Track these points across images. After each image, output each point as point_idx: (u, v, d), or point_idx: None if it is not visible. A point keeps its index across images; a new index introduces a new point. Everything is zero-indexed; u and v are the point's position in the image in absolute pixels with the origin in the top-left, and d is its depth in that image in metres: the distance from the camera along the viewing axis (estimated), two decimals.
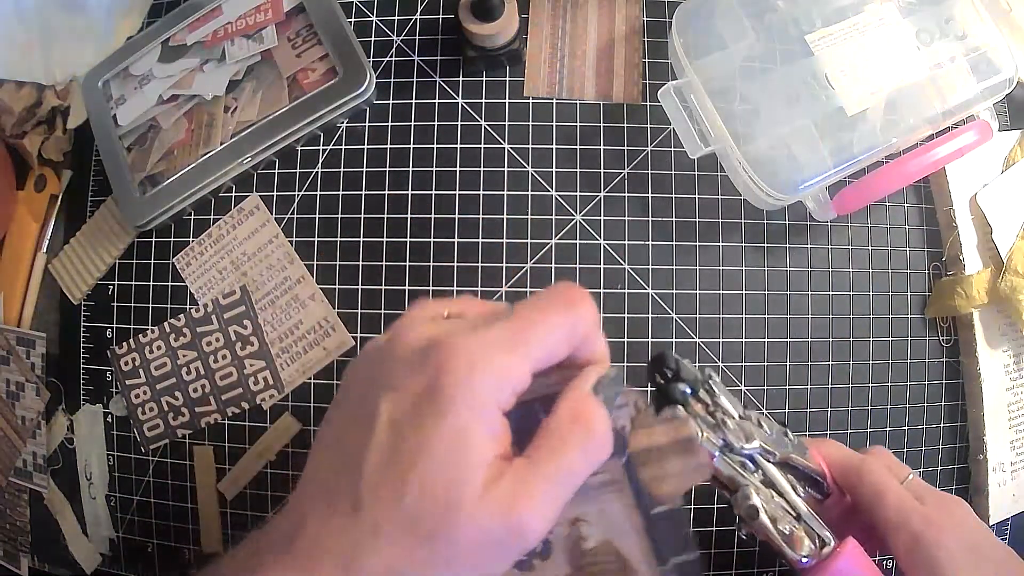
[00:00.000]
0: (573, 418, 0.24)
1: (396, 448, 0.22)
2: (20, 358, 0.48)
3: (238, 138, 0.43)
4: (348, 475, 0.22)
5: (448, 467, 0.21)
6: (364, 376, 0.25)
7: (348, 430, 0.24)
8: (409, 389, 0.22)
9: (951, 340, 0.45)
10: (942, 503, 0.35)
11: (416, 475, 0.21)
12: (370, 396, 0.23)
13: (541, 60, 0.45)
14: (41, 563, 0.49)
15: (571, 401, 0.24)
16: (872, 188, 0.40)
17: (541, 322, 0.24)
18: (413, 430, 0.22)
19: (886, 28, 0.41)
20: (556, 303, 0.25)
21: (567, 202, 0.44)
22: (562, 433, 0.24)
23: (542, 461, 0.23)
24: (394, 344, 0.24)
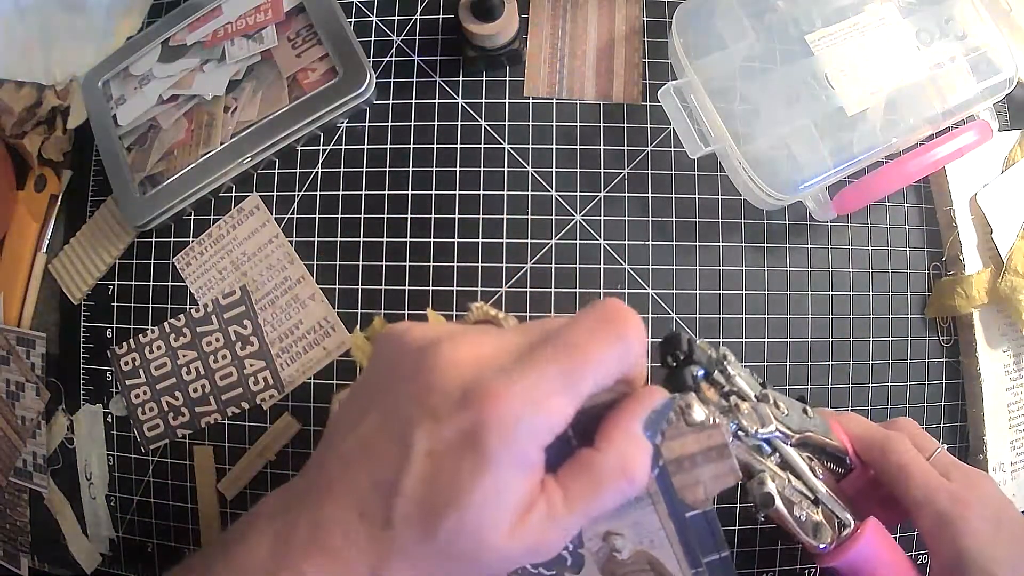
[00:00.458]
0: (620, 466, 0.23)
1: (433, 484, 0.22)
2: (20, 358, 0.48)
3: (238, 138, 0.43)
4: (380, 493, 0.22)
5: (483, 513, 0.22)
6: (393, 383, 0.24)
7: (379, 440, 0.23)
8: (450, 425, 0.22)
9: (951, 340, 0.45)
10: (968, 479, 0.35)
11: (451, 515, 0.21)
12: (404, 411, 0.23)
13: (541, 60, 0.45)
14: (41, 563, 0.49)
15: (620, 444, 0.24)
16: (872, 188, 0.40)
17: (592, 358, 0.23)
18: (451, 473, 0.22)
19: (886, 28, 0.41)
20: (608, 332, 0.23)
21: (567, 202, 0.44)
22: (604, 476, 0.23)
23: (577, 499, 0.23)
24: (435, 362, 0.23)
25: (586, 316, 0.24)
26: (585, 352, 0.23)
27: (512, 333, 0.25)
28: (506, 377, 0.22)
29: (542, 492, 0.23)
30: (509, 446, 0.21)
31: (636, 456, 0.24)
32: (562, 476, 0.24)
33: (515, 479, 0.22)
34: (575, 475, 0.24)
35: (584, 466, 0.24)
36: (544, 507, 0.23)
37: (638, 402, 0.25)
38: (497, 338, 0.24)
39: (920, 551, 0.43)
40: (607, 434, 0.24)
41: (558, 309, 0.43)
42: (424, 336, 0.24)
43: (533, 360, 0.22)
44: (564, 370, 0.22)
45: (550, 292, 0.43)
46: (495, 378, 0.22)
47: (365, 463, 0.23)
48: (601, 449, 0.24)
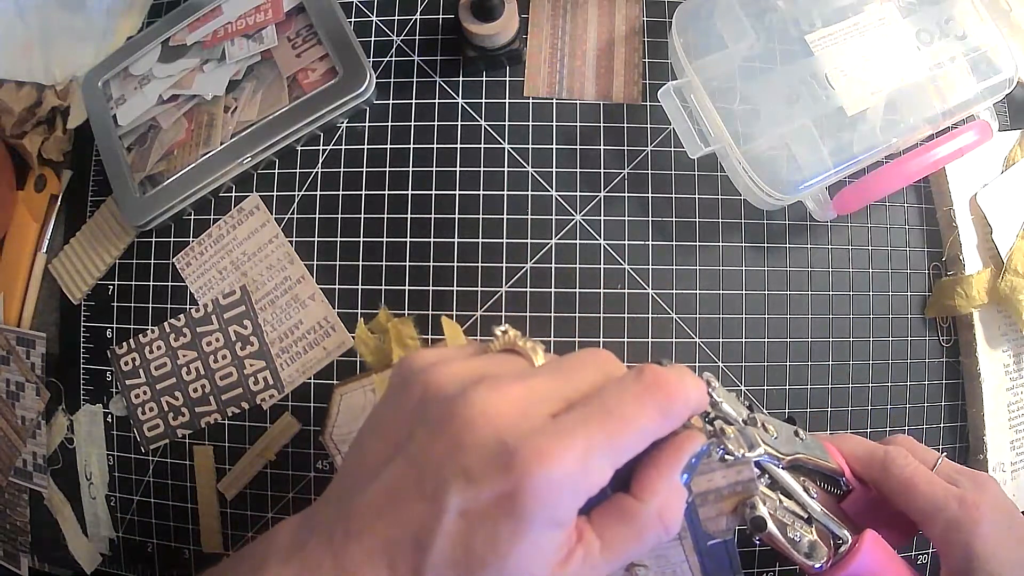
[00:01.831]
0: (659, 514, 0.24)
1: (467, 545, 0.21)
2: (20, 358, 0.48)
3: (238, 138, 0.43)
4: (410, 548, 0.22)
5: (518, 572, 0.22)
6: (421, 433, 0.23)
7: (408, 494, 0.22)
8: (486, 487, 0.21)
9: (951, 340, 0.45)
10: (975, 483, 0.34)
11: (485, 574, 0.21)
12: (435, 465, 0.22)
13: (541, 60, 0.45)
14: (41, 563, 0.49)
15: (661, 493, 0.24)
16: (872, 188, 0.40)
17: (635, 429, 0.22)
18: (486, 535, 0.21)
19: (886, 28, 0.41)
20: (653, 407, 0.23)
21: (567, 202, 0.44)
22: (644, 525, 0.24)
23: (615, 547, 0.23)
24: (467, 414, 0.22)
25: (630, 382, 0.23)
26: (629, 424, 0.22)
27: (547, 378, 0.24)
28: (547, 440, 0.21)
29: (579, 541, 0.23)
30: (547, 510, 0.21)
31: (675, 505, 0.24)
32: (598, 522, 0.24)
33: (551, 538, 0.22)
34: (613, 523, 0.24)
35: (623, 514, 0.24)
36: (581, 556, 0.23)
37: (680, 450, 0.25)
38: (532, 385, 0.23)
39: (919, 550, 0.43)
40: (648, 483, 0.24)
41: (558, 309, 0.43)
42: (451, 379, 0.23)
43: (575, 423, 0.22)
44: (608, 438, 0.22)
45: (550, 292, 0.43)
46: (534, 439, 0.21)
47: (393, 516, 0.22)
48: (641, 499, 0.24)
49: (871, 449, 0.36)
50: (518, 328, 0.27)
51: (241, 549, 0.25)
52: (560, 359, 0.26)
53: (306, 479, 0.44)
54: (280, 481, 0.44)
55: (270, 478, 0.44)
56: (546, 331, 0.43)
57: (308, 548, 0.23)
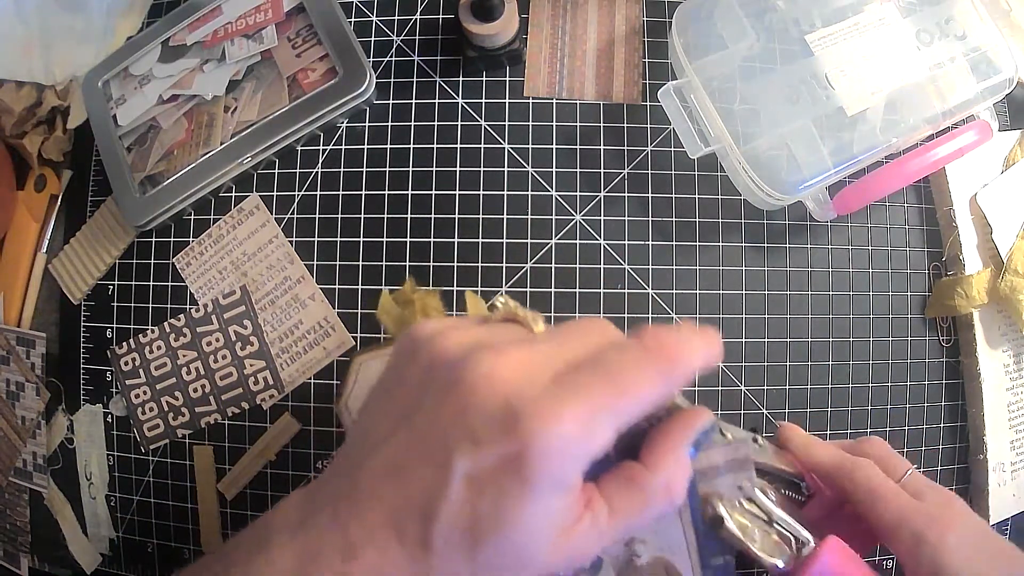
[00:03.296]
0: (666, 486, 0.24)
1: (474, 508, 0.21)
2: (20, 358, 0.48)
3: (238, 138, 0.43)
4: (418, 515, 0.22)
5: (526, 535, 0.22)
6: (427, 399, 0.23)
7: (414, 461, 0.22)
8: (491, 450, 0.21)
9: (951, 340, 0.45)
10: (942, 499, 0.34)
11: (493, 540, 0.21)
12: (440, 431, 0.22)
13: (541, 60, 0.45)
14: (41, 563, 0.49)
15: (671, 463, 0.25)
16: (872, 188, 0.40)
17: (637, 391, 0.22)
18: (493, 498, 0.21)
19: (886, 28, 0.41)
20: (654, 369, 0.23)
21: (567, 202, 0.44)
22: (652, 494, 0.24)
23: (622, 513, 0.24)
24: (472, 378, 0.22)
25: (635, 347, 0.23)
26: (631, 386, 0.22)
27: (550, 345, 0.24)
28: (550, 403, 0.21)
29: (587, 507, 0.23)
30: (552, 472, 0.21)
31: (681, 477, 0.25)
32: (607, 490, 0.24)
33: (556, 501, 0.22)
34: (622, 490, 0.24)
35: (632, 482, 0.24)
36: (589, 521, 0.23)
37: (689, 425, 0.26)
38: (534, 351, 0.23)
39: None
40: (660, 454, 0.25)
41: (558, 309, 0.43)
42: (456, 345, 0.23)
43: (577, 386, 0.22)
44: (610, 400, 0.22)
45: (550, 292, 0.43)
46: (538, 401, 0.21)
47: (400, 483, 0.22)
48: (651, 468, 0.25)
49: (838, 459, 0.35)
50: None
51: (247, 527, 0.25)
52: (560, 326, 0.26)
53: (306, 479, 0.44)
54: (280, 481, 0.44)
55: (270, 478, 0.45)
56: None
57: (314, 522, 0.23)
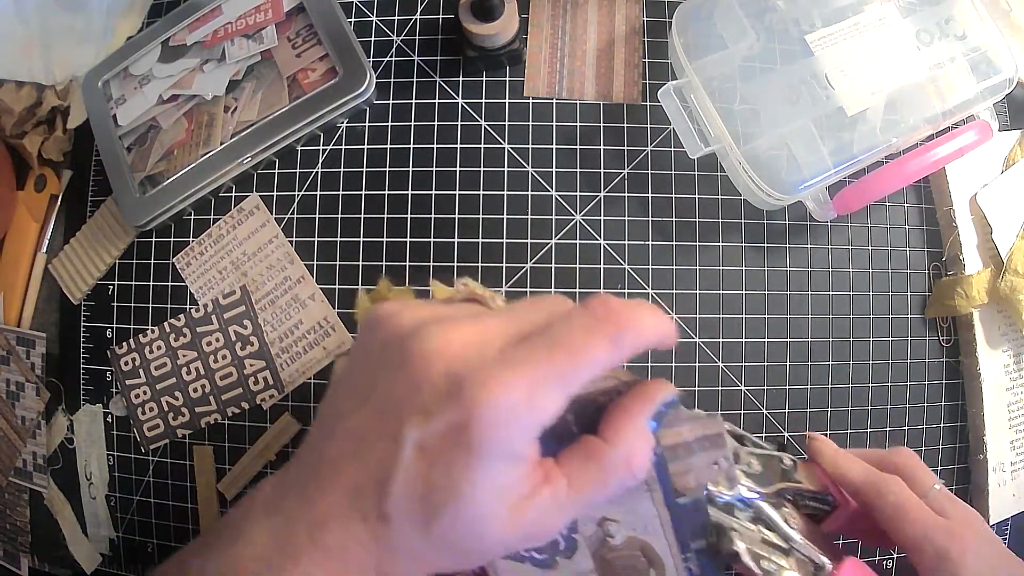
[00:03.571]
0: (626, 458, 0.24)
1: (426, 478, 0.22)
2: (20, 358, 0.48)
3: (238, 138, 0.43)
4: (375, 489, 0.22)
5: (478, 505, 0.22)
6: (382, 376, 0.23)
7: (371, 435, 0.23)
8: (439, 420, 0.21)
9: (951, 340, 0.45)
10: (965, 516, 0.35)
11: (446, 510, 0.22)
12: (393, 404, 0.22)
13: (541, 60, 0.45)
14: (41, 563, 0.49)
15: (629, 437, 0.24)
16: (872, 188, 0.40)
17: (583, 357, 0.22)
18: (443, 467, 0.21)
19: (886, 28, 0.41)
20: (602, 334, 0.23)
21: (567, 202, 0.44)
22: (611, 468, 0.24)
23: (581, 488, 0.23)
24: (422, 350, 0.22)
25: (582, 315, 0.23)
26: (577, 352, 0.22)
27: (500, 318, 0.24)
28: (495, 371, 0.21)
29: (545, 480, 0.23)
30: (499, 440, 0.21)
31: (642, 450, 0.24)
32: (565, 463, 0.24)
33: (506, 471, 0.22)
34: (580, 464, 0.24)
35: (590, 456, 0.24)
36: (548, 495, 0.23)
37: (648, 397, 0.25)
38: (485, 324, 0.23)
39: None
40: (616, 426, 0.24)
41: None
42: (410, 321, 0.24)
43: (524, 355, 0.22)
44: (556, 368, 0.22)
45: (550, 292, 0.43)
46: (483, 370, 0.21)
47: (358, 458, 0.23)
48: (609, 441, 0.24)
49: (868, 475, 0.36)
50: None
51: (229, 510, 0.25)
52: (515, 302, 0.26)
53: None
54: None
55: None
56: None
57: (286, 503, 0.23)
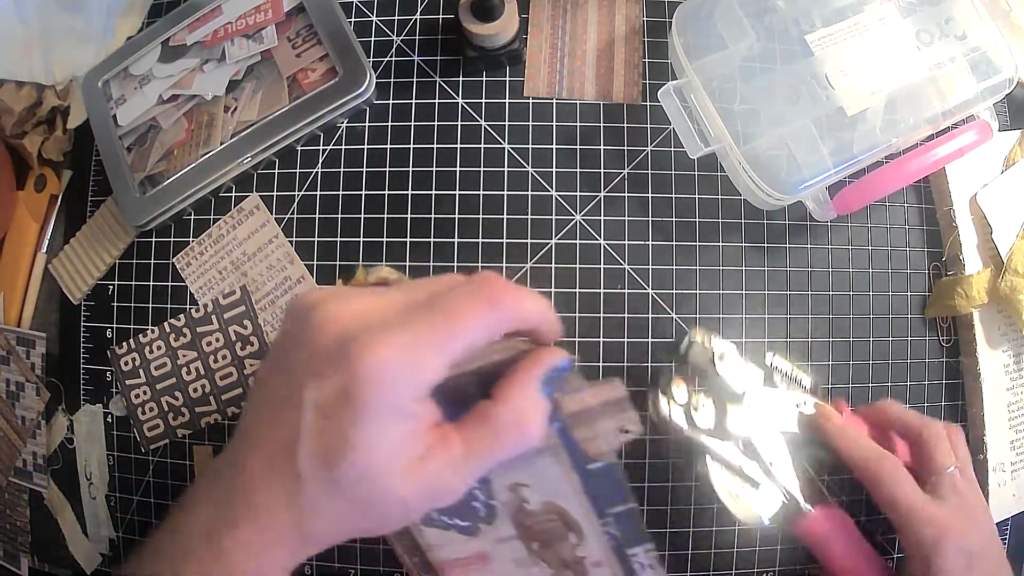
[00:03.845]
0: (515, 420, 0.25)
1: (323, 434, 0.24)
2: (20, 358, 0.48)
3: (238, 138, 0.43)
4: (287, 450, 0.24)
5: (370, 458, 0.24)
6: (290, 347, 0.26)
7: (281, 401, 0.25)
8: (330, 381, 0.23)
9: (951, 340, 0.45)
10: (962, 506, 0.36)
11: (342, 463, 0.23)
12: (296, 375, 0.25)
13: (541, 60, 0.45)
14: (41, 563, 0.49)
15: (515, 399, 0.26)
16: (872, 188, 0.40)
17: (462, 322, 0.24)
18: (336, 423, 0.23)
19: (886, 28, 0.41)
20: (480, 300, 0.25)
21: (567, 202, 0.44)
22: (501, 428, 0.25)
23: (475, 450, 0.25)
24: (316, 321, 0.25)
25: (464, 285, 0.25)
26: (457, 317, 0.24)
27: (393, 292, 0.26)
28: (377, 334, 0.23)
29: (441, 441, 0.25)
30: (382, 397, 0.23)
31: (530, 411, 0.26)
32: (462, 426, 0.26)
33: (394, 427, 0.24)
34: (474, 426, 0.25)
35: (482, 418, 0.26)
36: (444, 454, 0.25)
37: (536, 361, 0.27)
38: (376, 297, 0.26)
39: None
40: (503, 389, 0.26)
41: (558, 309, 0.43)
42: (312, 299, 0.26)
43: (406, 319, 0.24)
44: (435, 331, 0.24)
45: (550, 292, 0.43)
46: (367, 334, 0.23)
47: (271, 423, 0.25)
48: (498, 403, 0.26)
49: (866, 452, 0.38)
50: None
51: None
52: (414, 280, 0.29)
53: None
54: None
55: None
56: None
57: (223, 477, 0.26)
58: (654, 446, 0.42)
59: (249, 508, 0.25)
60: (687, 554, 0.42)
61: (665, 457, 0.42)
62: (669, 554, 0.42)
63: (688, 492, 0.42)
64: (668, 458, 0.42)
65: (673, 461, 0.42)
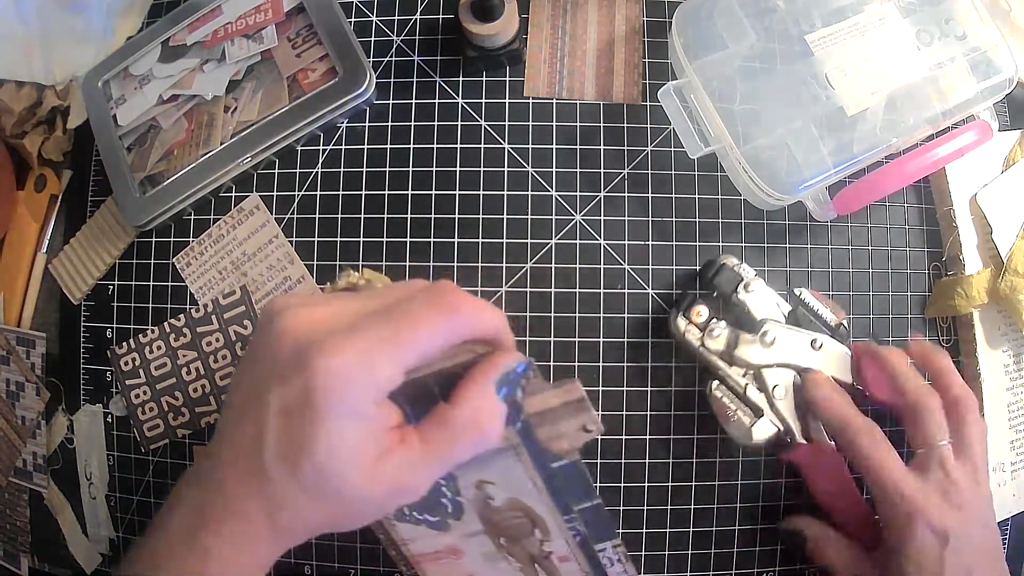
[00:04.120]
0: (471, 420, 0.26)
1: (287, 435, 0.25)
2: (20, 358, 0.48)
3: (238, 138, 0.43)
4: (255, 449, 0.25)
5: (332, 458, 0.25)
6: (257, 353, 0.27)
7: (249, 403, 0.26)
8: (291, 385, 0.25)
9: (951, 340, 0.45)
10: (944, 484, 0.35)
11: (305, 462, 0.25)
12: (262, 379, 0.26)
13: (541, 60, 0.45)
14: (41, 563, 0.49)
15: (472, 400, 0.27)
16: (872, 188, 0.40)
17: (419, 329, 0.25)
18: (297, 424, 0.25)
19: (886, 28, 0.41)
20: (436, 308, 0.26)
21: (567, 202, 0.44)
22: (458, 429, 0.26)
23: (433, 450, 0.26)
24: (278, 328, 0.26)
25: (421, 292, 0.27)
26: (412, 323, 0.25)
27: (353, 299, 0.27)
28: (334, 339, 0.25)
29: (401, 441, 0.26)
30: (339, 401, 0.24)
31: (486, 412, 0.27)
32: (421, 428, 0.27)
33: (351, 428, 0.25)
34: (432, 428, 0.27)
35: (440, 420, 0.27)
36: (402, 454, 0.26)
37: (491, 364, 0.27)
38: (337, 304, 0.27)
39: None
40: (461, 391, 0.27)
41: (558, 309, 0.43)
42: (277, 306, 0.27)
43: (364, 326, 0.25)
44: (391, 337, 0.25)
45: (550, 292, 0.43)
46: (325, 340, 0.25)
47: (241, 424, 0.26)
48: (454, 405, 0.27)
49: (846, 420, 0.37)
50: (517, 328, 0.28)
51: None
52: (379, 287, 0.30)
53: None
54: None
55: None
56: (546, 331, 0.43)
57: (203, 472, 0.27)
58: (653, 445, 0.43)
59: (225, 507, 0.26)
60: (687, 554, 0.42)
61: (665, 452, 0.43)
62: (669, 554, 0.42)
63: (688, 492, 0.42)
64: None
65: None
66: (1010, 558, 0.44)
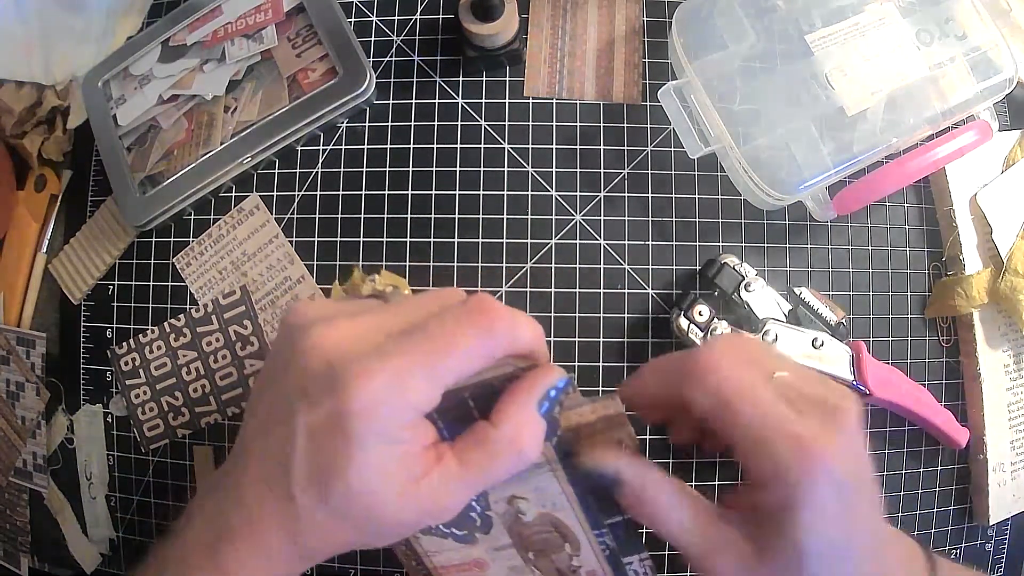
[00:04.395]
0: (511, 440, 0.25)
1: (316, 458, 0.24)
2: (20, 358, 0.48)
3: (238, 138, 0.43)
4: (280, 470, 0.25)
5: (364, 482, 0.24)
6: (281, 367, 0.26)
7: (273, 422, 0.25)
8: (321, 407, 0.24)
9: (951, 340, 0.45)
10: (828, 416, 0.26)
11: (337, 488, 0.24)
12: (290, 396, 0.25)
13: (541, 60, 0.45)
14: (41, 563, 0.49)
15: (513, 420, 0.26)
16: (872, 188, 0.40)
17: (454, 349, 0.24)
18: (328, 450, 0.24)
19: (886, 28, 0.41)
20: (472, 327, 0.24)
21: (567, 202, 0.44)
22: (498, 449, 0.25)
23: (471, 470, 0.25)
24: (306, 345, 0.25)
25: (455, 309, 0.25)
26: (448, 344, 0.24)
27: (383, 313, 0.26)
28: (368, 362, 0.23)
29: (437, 462, 0.25)
30: (372, 426, 0.23)
31: (527, 431, 0.26)
32: (458, 446, 0.26)
33: (385, 452, 0.24)
34: (470, 447, 0.26)
35: (479, 439, 0.26)
36: (438, 475, 0.25)
37: (534, 381, 0.26)
38: (367, 319, 0.26)
39: None
40: (502, 410, 0.26)
41: (558, 309, 0.43)
42: (303, 317, 0.26)
43: (394, 346, 0.24)
44: (426, 359, 0.24)
45: (550, 292, 0.43)
46: (357, 362, 0.23)
47: (265, 442, 0.25)
48: (495, 424, 0.25)
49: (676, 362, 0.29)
50: None
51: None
52: (409, 297, 0.29)
53: None
54: None
55: None
56: (546, 331, 0.43)
57: (218, 490, 0.27)
58: (653, 445, 0.42)
59: (245, 523, 0.25)
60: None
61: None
62: (669, 554, 0.42)
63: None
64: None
65: None
66: (1010, 558, 0.44)
